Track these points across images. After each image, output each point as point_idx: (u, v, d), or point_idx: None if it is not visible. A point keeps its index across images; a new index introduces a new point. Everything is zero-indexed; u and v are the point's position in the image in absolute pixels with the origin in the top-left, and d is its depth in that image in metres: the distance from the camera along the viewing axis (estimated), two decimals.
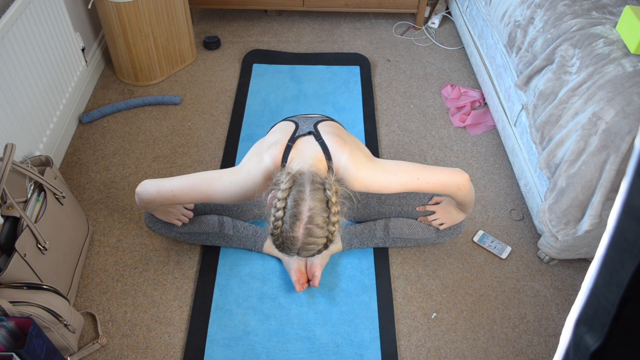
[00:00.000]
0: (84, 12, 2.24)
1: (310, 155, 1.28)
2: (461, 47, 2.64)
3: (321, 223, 1.12)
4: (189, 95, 2.29)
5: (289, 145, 1.30)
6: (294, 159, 1.28)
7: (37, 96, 1.78)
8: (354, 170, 1.28)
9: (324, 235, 1.14)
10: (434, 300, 1.61)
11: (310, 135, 1.35)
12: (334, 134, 1.36)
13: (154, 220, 1.56)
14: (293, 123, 1.41)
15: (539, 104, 1.63)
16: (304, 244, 1.14)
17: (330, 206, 1.14)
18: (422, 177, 1.34)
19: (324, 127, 1.39)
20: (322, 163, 1.28)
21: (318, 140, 1.33)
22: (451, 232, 1.61)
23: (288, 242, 1.14)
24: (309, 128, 1.38)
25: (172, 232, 1.58)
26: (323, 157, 1.29)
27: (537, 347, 1.51)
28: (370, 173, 1.30)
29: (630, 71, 1.39)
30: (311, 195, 1.12)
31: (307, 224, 1.11)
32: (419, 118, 2.23)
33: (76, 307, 1.56)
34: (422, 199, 1.62)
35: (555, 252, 1.64)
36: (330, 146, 1.30)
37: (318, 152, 1.30)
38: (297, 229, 1.12)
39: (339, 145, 1.31)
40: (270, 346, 1.47)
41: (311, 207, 1.11)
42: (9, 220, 1.34)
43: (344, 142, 1.33)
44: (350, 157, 1.29)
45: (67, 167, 1.95)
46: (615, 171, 1.36)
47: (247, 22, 2.77)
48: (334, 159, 1.29)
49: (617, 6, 1.65)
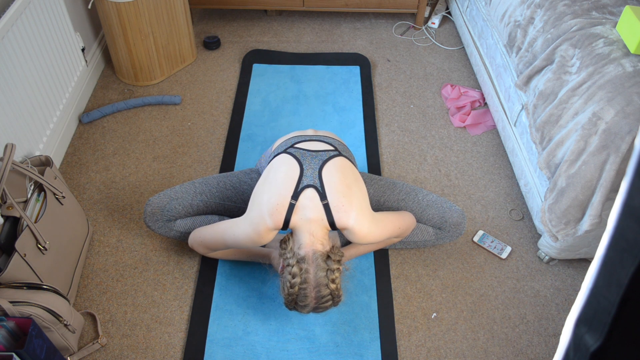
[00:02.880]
0: (84, 12, 2.24)
1: (313, 225, 1.33)
2: (461, 47, 2.64)
3: (328, 297, 1.32)
4: (189, 95, 2.29)
5: (291, 204, 1.34)
6: (298, 227, 1.34)
7: (37, 96, 1.78)
8: (358, 232, 1.36)
9: (331, 297, 1.33)
10: (434, 300, 1.61)
11: (314, 190, 1.35)
12: (339, 190, 1.36)
13: (154, 219, 1.56)
14: (298, 166, 1.40)
15: (539, 104, 1.63)
16: (315, 309, 1.35)
17: (334, 279, 1.31)
18: (401, 226, 1.50)
19: (328, 176, 1.38)
20: (326, 229, 1.36)
21: (322, 201, 1.34)
22: (450, 235, 1.60)
23: (301, 309, 1.35)
24: (313, 176, 1.37)
25: (172, 232, 1.58)
26: (327, 224, 1.35)
27: (537, 347, 1.51)
28: (372, 230, 1.38)
29: (630, 71, 1.39)
30: (316, 282, 1.30)
31: (315, 299, 1.31)
32: (419, 118, 2.23)
33: (76, 307, 1.56)
34: (421, 202, 1.61)
35: (555, 252, 1.64)
36: (335, 212, 1.34)
37: (321, 218, 1.34)
38: (309, 305, 1.33)
39: (344, 210, 1.34)
40: (270, 346, 1.47)
41: (317, 292, 1.30)
42: (9, 220, 1.34)
43: (349, 202, 1.35)
44: (357, 221, 1.35)
45: (67, 167, 1.95)
46: (615, 171, 1.36)
47: (247, 22, 2.77)
48: (338, 222, 1.34)
49: (617, 6, 1.65)
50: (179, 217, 1.59)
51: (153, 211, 1.56)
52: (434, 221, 1.60)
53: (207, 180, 1.63)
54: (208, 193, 1.61)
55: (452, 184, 1.95)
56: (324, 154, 1.45)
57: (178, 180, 1.92)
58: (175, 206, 1.57)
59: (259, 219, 1.34)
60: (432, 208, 1.60)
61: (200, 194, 1.60)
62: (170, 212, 1.57)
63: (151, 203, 1.56)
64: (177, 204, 1.57)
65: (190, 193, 1.60)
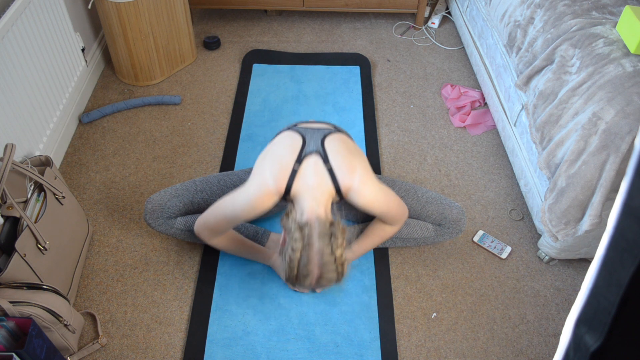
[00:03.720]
0: (84, 12, 2.24)
1: (316, 190, 1.32)
2: (461, 47, 2.64)
3: (331, 266, 1.25)
4: (189, 95, 2.29)
5: (294, 170, 1.34)
6: (300, 194, 1.33)
7: (37, 96, 1.78)
8: (363, 191, 1.35)
9: (335, 271, 1.26)
10: (434, 300, 1.61)
11: (317, 155, 1.36)
12: (342, 154, 1.37)
13: (154, 217, 1.56)
14: (300, 137, 1.41)
15: (539, 104, 1.63)
16: (319, 280, 1.28)
17: (336, 250, 1.24)
18: (399, 204, 1.46)
19: (331, 144, 1.40)
20: (329, 194, 1.34)
21: (325, 163, 1.34)
22: (450, 232, 1.60)
23: (303, 283, 1.28)
24: (316, 144, 1.39)
25: (172, 229, 1.57)
26: (330, 188, 1.34)
27: (537, 347, 1.51)
28: (377, 193, 1.37)
29: (630, 71, 1.39)
30: (320, 247, 1.23)
31: (319, 269, 1.24)
32: (419, 118, 2.23)
33: (76, 307, 1.56)
34: (420, 199, 1.61)
35: (555, 252, 1.64)
36: (338, 172, 1.34)
37: (325, 182, 1.33)
38: (311, 274, 1.25)
39: (348, 172, 1.34)
40: (270, 346, 1.47)
41: (320, 257, 1.23)
42: (9, 220, 1.34)
43: (352, 166, 1.35)
44: (362, 181, 1.34)
45: (67, 167, 1.95)
46: (615, 171, 1.36)
47: (247, 22, 2.77)
48: (342, 185, 1.34)
49: (617, 6, 1.65)
50: (180, 215, 1.59)
51: (154, 208, 1.56)
52: (433, 217, 1.60)
53: (208, 179, 1.64)
54: (209, 191, 1.61)
55: (452, 184, 1.95)
56: (326, 130, 1.47)
57: (178, 181, 1.92)
58: (176, 203, 1.57)
59: (261, 183, 1.34)
60: (432, 205, 1.60)
61: (201, 191, 1.61)
62: (170, 209, 1.57)
63: (152, 200, 1.56)
64: (178, 201, 1.58)
65: (191, 191, 1.60)
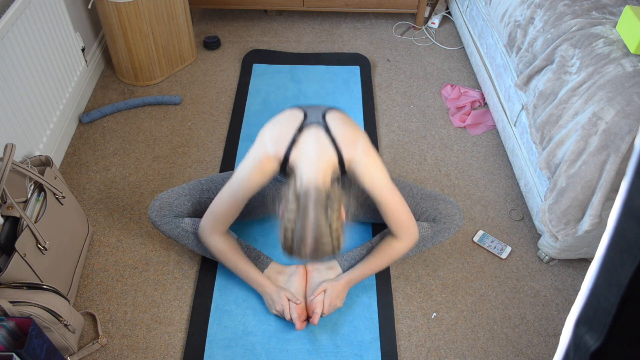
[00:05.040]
0: (84, 12, 2.24)
1: (316, 159, 1.31)
2: (461, 47, 2.64)
3: (327, 238, 1.22)
4: (189, 95, 2.29)
5: (294, 139, 1.34)
6: (299, 162, 1.32)
7: (37, 96, 1.78)
8: (366, 164, 1.33)
9: (330, 243, 1.24)
10: (434, 300, 1.61)
11: (318, 126, 1.37)
12: (344, 126, 1.38)
13: (161, 214, 1.54)
14: (301, 111, 1.43)
15: (539, 104, 1.63)
16: (314, 252, 1.25)
17: (332, 221, 1.23)
18: (405, 205, 1.45)
19: (332, 117, 1.41)
20: (330, 164, 1.33)
21: (327, 133, 1.35)
22: (447, 227, 1.58)
23: (299, 253, 1.25)
24: (317, 117, 1.40)
25: (177, 229, 1.55)
26: (333, 157, 1.33)
27: (537, 347, 1.51)
28: (379, 173, 1.36)
29: (630, 71, 1.39)
30: (315, 217, 1.22)
31: (313, 239, 1.22)
32: (419, 118, 2.23)
33: (76, 307, 1.56)
34: (415, 196, 1.60)
35: (555, 252, 1.64)
36: (340, 140, 1.33)
37: (327, 151, 1.32)
38: (306, 243, 1.23)
39: (350, 140, 1.33)
40: (270, 346, 1.47)
41: (316, 226, 1.21)
42: (9, 220, 1.34)
43: (355, 137, 1.35)
44: (365, 152, 1.33)
45: (67, 167, 1.95)
46: (615, 171, 1.36)
47: (247, 22, 2.77)
48: (345, 154, 1.33)
49: (617, 6, 1.65)
50: (187, 215, 1.58)
51: (161, 205, 1.55)
52: (429, 214, 1.59)
53: (212, 178, 1.64)
54: (215, 190, 1.61)
55: (452, 184, 1.95)
56: (327, 107, 1.48)
57: (178, 180, 1.92)
58: (184, 202, 1.57)
59: (259, 149, 1.34)
60: (426, 201, 1.60)
61: (207, 191, 1.61)
62: (178, 207, 1.56)
63: (160, 198, 1.56)
64: (186, 200, 1.58)
65: (198, 190, 1.60)
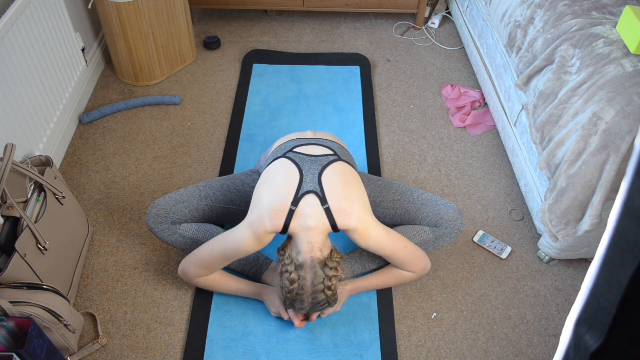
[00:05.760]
0: (84, 12, 2.24)
1: (312, 232, 1.33)
2: (461, 47, 2.64)
3: (323, 300, 1.34)
4: (189, 95, 2.29)
5: (291, 210, 1.34)
6: (297, 233, 1.34)
7: (37, 96, 1.78)
8: (362, 233, 1.37)
9: (326, 300, 1.35)
10: (434, 300, 1.61)
11: (314, 195, 1.35)
12: (340, 189, 1.37)
13: (158, 221, 1.54)
14: (297, 170, 1.40)
15: (539, 104, 1.63)
16: (310, 310, 1.38)
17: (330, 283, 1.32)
18: (408, 246, 1.47)
19: (328, 178, 1.39)
20: (326, 232, 1.35)
21: (323, 205, 1.34)
22: (449, 232, 1.57)
23: (298, 309, 1.38)
24: (313, 182, 1.37)
25: (174, 235, 1.55)
26: (327, 227, 1.35)
27: (537, 347, 1.51)
28: (374, 234, 1.39)
29: (630, 71, 1.39)
30: (313, 288, 1.32)
31: (311, 299, 1.33)
32: (419, 118, 2.23)
33: (76, 307, 1.56)
34: (415, 201, 1.60)
35: (555, 252, 1.64)
36: (336, 213, 1.34)
37: (322, 223, 1.34)
38: (303, 303, 1.34)
39: (345, 213, 1.35)
40: (270, 346, 1.47)
41: (313, 290, 1.32)
42: (9, 220, 1.34)
43: (350, 205, 1.35)
44: (359, 221, 1.36)
45: (67, 167, 1.95)
46: (615, 171, 1.36)
47: (247, 22, 2.77)
48: (340, 225, 1.35)
49: (617, 6, 1.65)
50: (184, 221, 1.57)
51: (158, 213, 1.54)
52: (430, 219, 1.58)
53: (210, 184, 1.62)
54: (213, 197, 1.60)
55: (452, 184, 1.95)
56: (324, 158, 1.45)
57: (178, 180, 1.92)
58: (182, 209, 1.56)
59: (258, 222, 1.34)
60: (427, 206, 1.59)
61: (205, 197, 1.59)
62: (175, 214, 1.55)
63: (156, 205, 1.55)
64: (184, 207, 1.56)
65: (195, 197, 1.58)
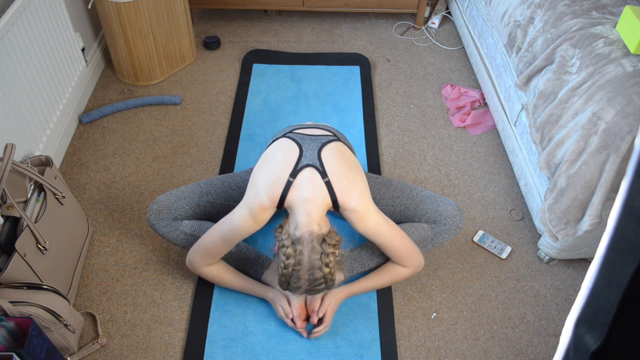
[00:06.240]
0: (84, 12, 2.24)
1: (311, 204, 1.31)
2: (461, 47, 2.64)
3: (321, 280, 1.29)
4: (189, 95, 2.29)
5: (289, 181, 1.33)
6: (294, 206, 1.32)
7: (37, 96, 1.78)
8: (362, 215, 1.35)
9: (324, 282, 1.30)
10: (434, 300, 1.61)
11: (313, 169, 1.35)
12: (340, 168, 1.36)
13: (159, 217, 1.54)
14: (297, 146, 1.40)
15: (539, 104, 1.63)
16: (308, 291, 1.32)
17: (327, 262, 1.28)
18: (404, 238, 1.46)
19: (329, 155, 1.39)
20: (325, 207, 1.34)
21: (324, 178, 1.34)
22: (447, 229, 1.57)
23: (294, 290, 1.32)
24: (312, 157, 1.37)
25: (176, 232, 1.55)
26: (327, 201, 1.33)
27: (537, 347, 1.51)
28: (374, 219, 1.37)
29: (630, 71, 1.39)
30: (311, 264, 1.27)
31: (308, 279, 1.28)
32: (419, 118, 2.23)
33: (76, 307, 1.56)
34: (414, 198, 1.60)
35: (555, 252, 1.64)
36: (337, 188, 1.33)
37: (321, 196, 1.32)
38: (301, 282, 1.29)
39: (346, 189, 1.34)
40: (270, 347, 1.47)
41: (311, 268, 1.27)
42: (9, 220, 1.34)
43: (351, 183, 1.35)
44: (359, 201, 1.34)
45: (67, 167, 1.95)
46: (615, 171, 1.36)
47: (247, 22, 2.77)
48: (341, 202, 1.34)
49: (617, 6, 1.65)
50: (186, 218, 1.57)
51: (159, 209, 1.54)
52: (429, 215, 1.58)
53: (211, 181, 1.63)
54: (214, 193, 1.60)
55: (452, 184, 1.95)
56: (323, 137, 1.46)
57: (178, 180, 1.92)
58: (183, 205, 1.56)
59: (255, 197, 1.33)
60: (426, 203, 1.59)
61: (206, 194, 1.60)
62: (177, 210, 1.55)
63: (158, 201, 1.55)
64: (185, 203, 1.57)
65: (196, 193, 1.59)
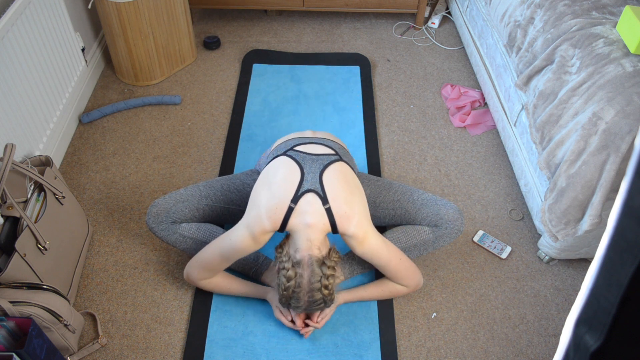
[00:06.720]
0: (84, 12, 2.24)
1: (311, 229, 1.32)
2: (461, 47, 2.64)
3: (320, 301, 1.35)
4: (189, 95, 2.29)
5: (290, 207, 1.33)
6: (296, 231, 1.33)
7: (37, 96, 1.78)
8: (360, 239, 1.37)
9: (323, 300, 1.35)
10: (434, 300, 1.61)
11: (314, 194, 1.35)
12: (341, 190, 1.37)
13: (158, 221, 1.54)
14: (298, 168, 1.40)
15: (539, 104, 1.63)
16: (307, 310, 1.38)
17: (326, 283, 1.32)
18: (403, 259, 1.47)
19: (330, 178, 1.38)
20: (325, 232, 1.35)
21: (324, 205, 1.34)
22: (449, 232, 1.57)
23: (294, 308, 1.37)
24: (314, 181, 1.37)
25: (174, 235, 1.55)
26: (327, 227, 1.35)
27: (537, 347, 1.51)
28: (372, 242, 1.39)
29: (630, 71, 1.39)
30: (310, 286, 1.32)
31: (307, 299, 1.33)
32: (419, 118, 2.23)
33: (76, 307, 1.56)
34: (415, 202, 1.59)
35: (555, 252, 1.64)
36: (337, 215, 1.34)
37: (322, 222, 1.33)
38: (300, 302, 1.34)
39: (346, 216, 1.35)
40: (269, 347, 1.48)
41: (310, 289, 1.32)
42: (9, 220, 1.34)
43: (351, 209, 1.35)
44: (358, 227, 1.35)
45: (67, 167, 1.95)
46: (615, 171, 1.36)
47: (247, 22, 2.77)
48: (340, 227, 1.35)
49: (617, 6, 1.65)
50: (185, 221, 1.57)
51: (158, 212, 1.54)
52: (430, 219, 1.58)
53: (211, 184, 1.62)
54: (213, 197, 1.60)
55: (452, 184, 1.95)
56: (325, 158, 1.44)
57: (178, 180, 1.92)
58: (182, 209, 1.55)
59: (256, 221, 1.34)
60: (427, 206, 1.59)
61: (206, 197, 1.59)
62: (176, 214, 1.55)
63: (156, 204, 1.54)
64: (184, 206, 1.56)
65: (196, 196, 1.58)
